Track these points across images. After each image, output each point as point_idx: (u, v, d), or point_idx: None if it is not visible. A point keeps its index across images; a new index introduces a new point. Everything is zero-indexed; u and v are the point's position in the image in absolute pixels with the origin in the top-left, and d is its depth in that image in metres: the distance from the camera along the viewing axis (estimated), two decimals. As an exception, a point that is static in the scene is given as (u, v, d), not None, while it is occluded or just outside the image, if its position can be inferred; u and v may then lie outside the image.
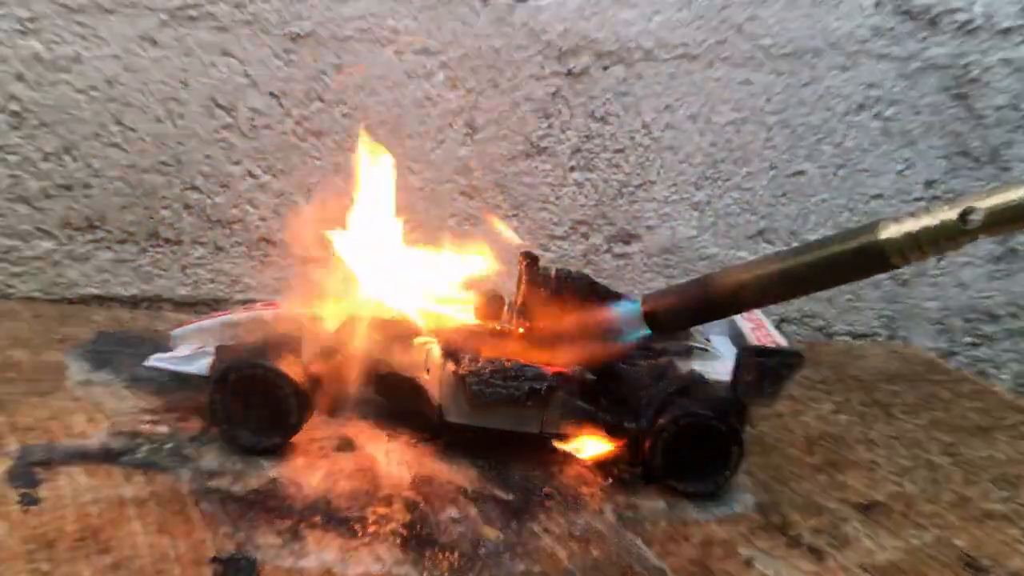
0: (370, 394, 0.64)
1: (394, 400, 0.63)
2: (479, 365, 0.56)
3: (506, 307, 0.63)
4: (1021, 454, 0.67)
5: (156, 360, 0.60)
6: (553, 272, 0.62)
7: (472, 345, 0.59)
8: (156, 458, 0.54)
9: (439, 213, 0.90)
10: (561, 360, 0.58)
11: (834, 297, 0.97)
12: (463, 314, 0.64)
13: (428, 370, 0.59)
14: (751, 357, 0.56)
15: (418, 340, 0.61)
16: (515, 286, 0.62)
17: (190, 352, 0.61)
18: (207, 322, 0.62)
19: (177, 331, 0.63)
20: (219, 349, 0.60)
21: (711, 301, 0.55)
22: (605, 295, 0.61)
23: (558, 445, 0.58)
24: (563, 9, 0.88)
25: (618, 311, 0.60)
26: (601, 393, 0.59)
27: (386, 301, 0.63)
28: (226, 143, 0.87)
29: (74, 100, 0.84)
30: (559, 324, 0.60)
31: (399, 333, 0.62)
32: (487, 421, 0.57)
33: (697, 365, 0.59)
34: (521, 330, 0.60)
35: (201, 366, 0.59)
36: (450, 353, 0.58)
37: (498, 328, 0.61)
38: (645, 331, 0.58)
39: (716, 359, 0.61)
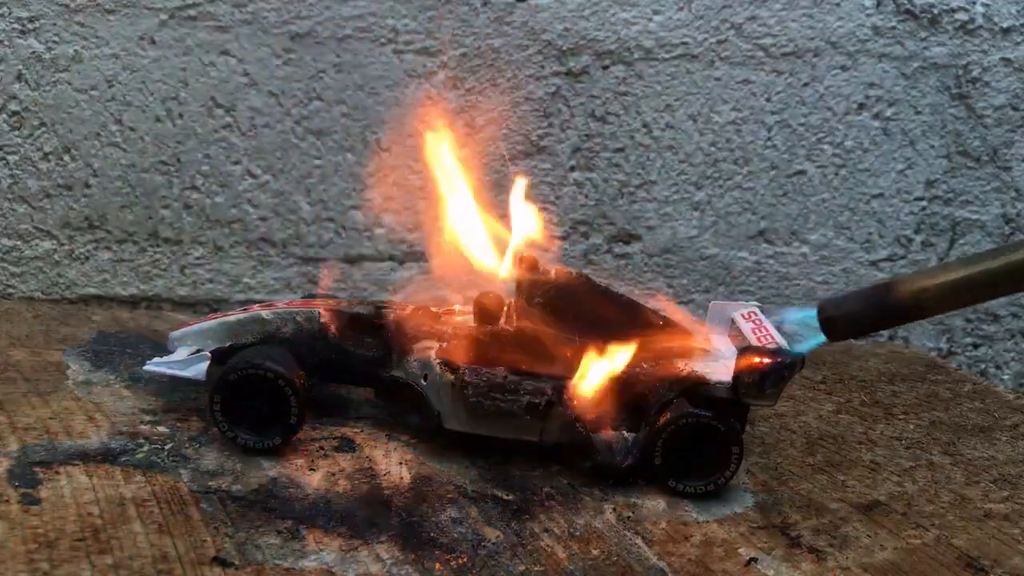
0: (370, 395, 0.64)
1: (393, 405, 0.63)
2: (477, 376, 0.56)
3: (505, 309, 0.63)
4: (1022, 454, 0.67)
5: (153, 365, 0.60)
6: (553, 273, 0.62)
7: (475, 352, 0.58)
8: (156, 458, 0.54)
9: (438, 213, 0.90)
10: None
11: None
12: (462, 317, 0.64)
13: (426, 376, 0.59)
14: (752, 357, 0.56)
15: (418, 345, 0.61)
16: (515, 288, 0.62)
17: (187, 355, 0.61)
18: (205, 324, 0.62)
19: (175, 333, 0.63)
20: (216, 353, 0.60)
21: (892, 308, 0.53)
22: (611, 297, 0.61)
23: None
24: (563, 9, 0.88)
25: (793, 318, 0.59)
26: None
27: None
28: (226, 143, 0.87)
29: (74, 100, 0.84)
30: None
31: (400, 336, 0.62)
32: (486, 430, 0.57)
33: (697, 366, 0.59)
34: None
35: (198, 371, 0.59)
36: (448, 362, 0.57)
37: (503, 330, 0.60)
38: (821, 338, 0.57)
39: (716, 359, 0.61)
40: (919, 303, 0.53)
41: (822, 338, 0.57)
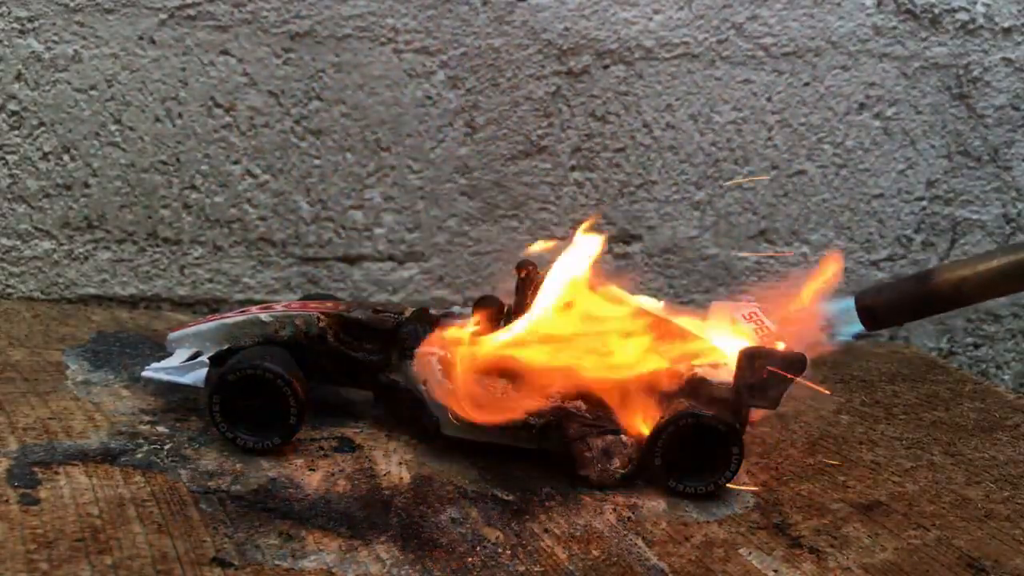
0: (370, 396, 0.64)
1: (393, 408, 0.63)
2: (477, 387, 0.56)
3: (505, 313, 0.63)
4: (1022, 454, 0.67)
5: (152, 371, 0.60)
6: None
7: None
8: (156, 458, 0.54)
9: (438, 213, 0.90)
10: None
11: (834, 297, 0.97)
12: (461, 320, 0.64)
13: (425, 381, 0.58)
14: (753, 359, 0.56)
15: (420, 350, 0.60)
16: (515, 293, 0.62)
17: (186, 358, 0.61)
18: (203, 325, 0.62)
19: (173, 334, 0.63)
20: (214, 358, 0.60)
21: (932, 296, 0.54)
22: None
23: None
24: (563, 8, 0.88)
25: (829, 309, 0.59)
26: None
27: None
28: (225, 142, 0.87)
29: (73, 100, 0.84)
30: None
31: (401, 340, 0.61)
32: (484, 436, 0.57)
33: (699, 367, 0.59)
34: None
35: (197, 377, 0.59)
36: (449, 370, 0.57)
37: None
38: (858, 327, 0.57)
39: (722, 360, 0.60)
40: (960, 291, 0.53)
41: (859, 327, 0.57)
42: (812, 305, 0.60)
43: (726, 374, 0.58)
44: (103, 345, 0.73)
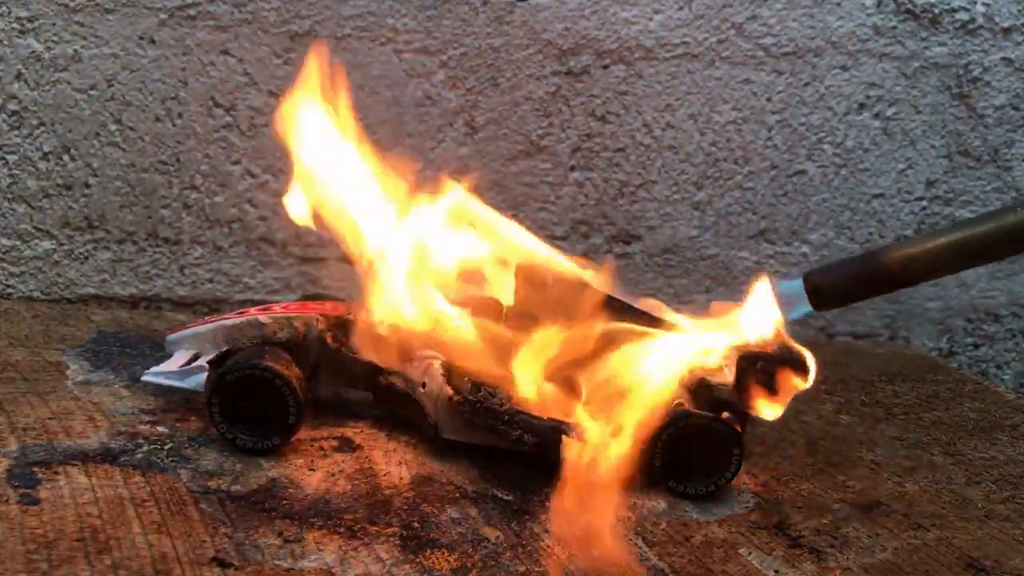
0: (370, 396, 0.64)
1: (392, 411, 0.63)
2: (476, 395, 0.56)
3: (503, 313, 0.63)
4: (1022, 454, 0.67)
5: (151, 375, 0.60)
6: (551, 279, 0.62)
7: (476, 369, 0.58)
8: (155, 458, 0.54)
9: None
10: None
11: (835, 297, 0.97)
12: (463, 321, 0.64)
13: (424, 384, 0.58)
14: (754, 361, 0.56)
15: (420, 353, 0.60)
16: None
17: (185, 360, 0.61)
18: (202, 327, 0.62)
19: (172, 336, 0.63)
20: (213, 362, 0.60)
21: (880, 276, 0.53)
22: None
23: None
24: (563, 8, 0.88)
25: (779, 289, 0.58)
26: None
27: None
28: (225, 142, 0.86)
29: (73, 99, 0.84)
30: None
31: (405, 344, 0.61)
32: (482, 440, 0.57)
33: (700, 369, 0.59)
34: None
35: (197, 382, 0.59)
36: (451, 376, 0.57)
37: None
38: (807, 308, 0.57)
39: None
40: (908, 270, 0.53)
41: (808, 308, 0.57)
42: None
43: (727, 375, 0.58)
44: (103, 345, 0.73)
